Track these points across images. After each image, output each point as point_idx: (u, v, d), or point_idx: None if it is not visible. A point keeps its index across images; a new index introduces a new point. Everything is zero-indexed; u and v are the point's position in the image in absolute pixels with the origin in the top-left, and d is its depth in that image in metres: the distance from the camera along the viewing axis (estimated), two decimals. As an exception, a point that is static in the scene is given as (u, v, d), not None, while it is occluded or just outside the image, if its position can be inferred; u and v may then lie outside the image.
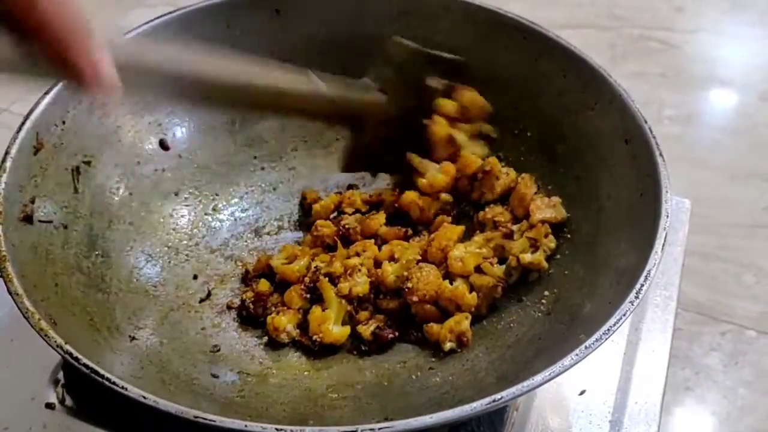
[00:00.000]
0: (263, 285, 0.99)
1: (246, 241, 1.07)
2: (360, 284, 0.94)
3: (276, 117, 1.14)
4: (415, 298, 0.92)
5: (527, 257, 0.95)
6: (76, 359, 0.68)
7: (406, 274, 0.94)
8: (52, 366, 0.93)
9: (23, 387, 0.92)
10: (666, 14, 2.07)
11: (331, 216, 1.08)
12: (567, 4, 2.09)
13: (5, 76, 0.69)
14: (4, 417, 0.90)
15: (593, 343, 0.71)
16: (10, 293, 0.73)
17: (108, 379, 0.67)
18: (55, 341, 0.69)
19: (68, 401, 0.91)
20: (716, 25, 2.04)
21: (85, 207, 0.94)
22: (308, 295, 0.96)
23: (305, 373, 0.90)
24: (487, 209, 1.02)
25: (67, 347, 0.69)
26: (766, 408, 1.18)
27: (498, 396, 0.68)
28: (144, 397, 0.65)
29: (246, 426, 0.64)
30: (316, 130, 1.15)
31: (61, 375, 0.93)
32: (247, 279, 1.02)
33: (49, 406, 0.90)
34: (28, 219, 0.84)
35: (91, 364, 0.67)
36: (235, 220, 1.08)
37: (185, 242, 1.04)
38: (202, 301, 0.98)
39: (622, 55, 1.92)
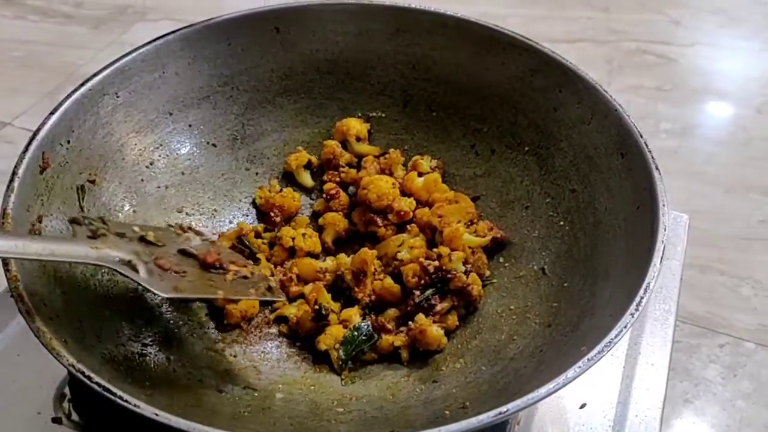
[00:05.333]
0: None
1: (249, 257, 1.07)
2: None
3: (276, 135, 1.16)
4: None
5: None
6: (89, 377, 0.69)
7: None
8: (58, 381, 0.94)
9: (30, 401, 0.93)
10: (663, 28, 2.08)
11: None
12: (564, 18, 2.10)
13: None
14: (10, 431, 0.91)
15: (595, 356, 0.72)
16: (21, 312, 0.73)
17: (121, 397, 0.67)
18: (67, 360, 0.70)
19: (74, 416, 0.92)
20: (713, 38, 2.05)
21: (91, 225, 0.95)
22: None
23: (311, 387, 0.91)
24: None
25: (80, 366, 0.69)
26: (764, 420, 1.19)
27: (504, 408, 0.69)
28: (157, 414, 0.66)
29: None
30: (317, 146, 1.17)
31: (67, 390, 0.94)
32: None
33: (56, 420, 0.91)
34: (36, 237, 0.85)
35: (103, 383, 0.68)
36: (238, 235, 1.09)
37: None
38: (207, 315, 0.99)
39: (619, 68, 1.93)
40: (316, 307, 0.98)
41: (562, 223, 1.01)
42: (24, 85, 1.85)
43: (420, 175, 1.11)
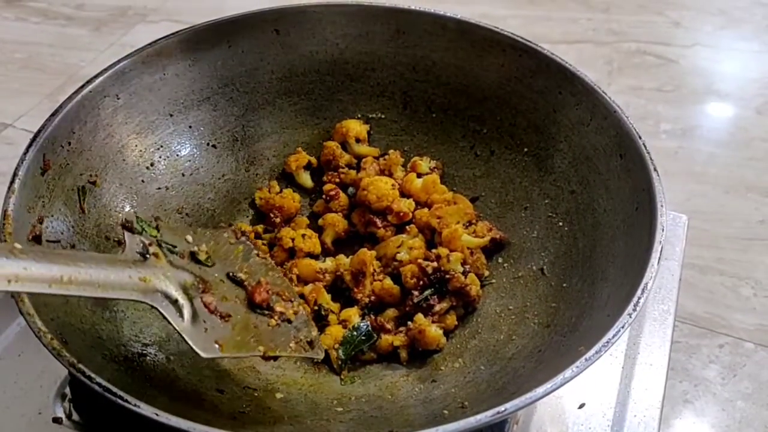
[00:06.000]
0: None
1: (250, 258, 1.08)
2: None
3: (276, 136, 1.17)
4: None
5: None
6: (89, 377, 0.69)
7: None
8: (59, 381, 0.95)
9: (30, 401, 0.93)
10: (663, 29, 2.08)
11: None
12: (564, 20, 2.10)
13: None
14: (11, 431, 0.91)
15: (593, 356, 0.73)
16: (21, 313, 0.73)
17: (121, 397, 0.68)
18: (68, 360, 0.70)
19: (75, 416, 0.92)
20: (712, 39, 2.05)
21: (91, 226, 0.95)
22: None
23: (310, 387, 0.92)
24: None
25: (80, 366, 0.70)
26: (764, 420, 1.19)
27: (502, 408, 0.69)
28: (157, 414, 0.66)
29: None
30: (317, 147, 1.17)
31: (68, 390, 0.94)
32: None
33: (56, 420, 0.91)
34: (36, 239, 0.85)
35: (103, 383, 0.68)
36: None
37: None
38: None
39: (619, 69, 1.93)
40: (316, 307, 0.98)
41: (561, 223, 1.01)
42: (25, 87, 1.85)
43: (419, 176, 1.11)
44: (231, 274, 0.89)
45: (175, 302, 0.79)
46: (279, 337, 0.87)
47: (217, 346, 0.80)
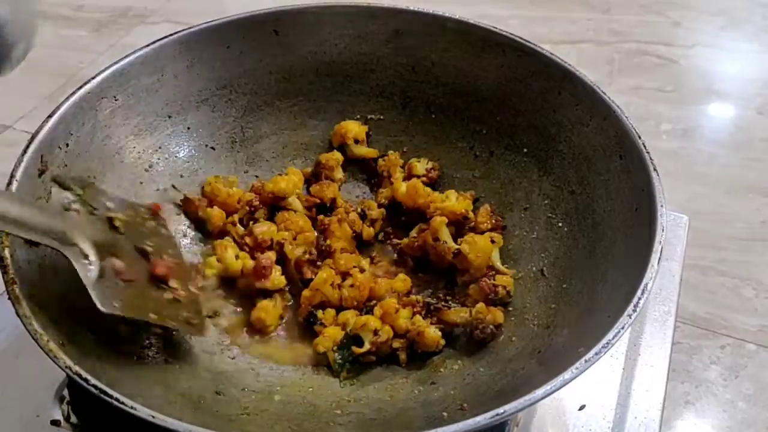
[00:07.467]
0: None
1: (248, 260, 1.07)
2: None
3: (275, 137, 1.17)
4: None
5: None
6: (86, 380, 0.69)
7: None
8: (57, 383, 0.94)
9: (28, 404, 0.93)
10: (663, 29, 2.08)
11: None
12: (564, 20, 2.10)
13: None
14: (9, 433, 0.91)
15: (593, 357, 0.72)
16: (18, 315, 0.73)
17: (117, 399, 0.67)
18: (64, 362, 0.70)
19: (73, 418, 0.92)
20: (713, 39, 2.05)
21: (89, 227, 0.95)
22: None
23: (309, 389, 0.91)
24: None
25: (76, 368, 0.70)
26: (765, 421, 1.19)
27: (501, 410, 0.69)
28: (153, 417, 0.66)
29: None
30: (316, 148, 1.17)
31: (66, 392, 0.94)
32: None
33: (55, 423, 0.91)
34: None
35: (100, 385, 0.68)
36: (238, 238, 1.09)
37: (188, 261, 1.05)
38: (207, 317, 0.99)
39: (620, 69, 1.93)
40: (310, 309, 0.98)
41: (560, 224, 1.01)
42: (25, 88, 1.84)
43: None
44: (138, 245, 0.92)
45: (86, 257, 0.83)
46: (171, 310, 0.90)
47: (116, 305, 0.83)
